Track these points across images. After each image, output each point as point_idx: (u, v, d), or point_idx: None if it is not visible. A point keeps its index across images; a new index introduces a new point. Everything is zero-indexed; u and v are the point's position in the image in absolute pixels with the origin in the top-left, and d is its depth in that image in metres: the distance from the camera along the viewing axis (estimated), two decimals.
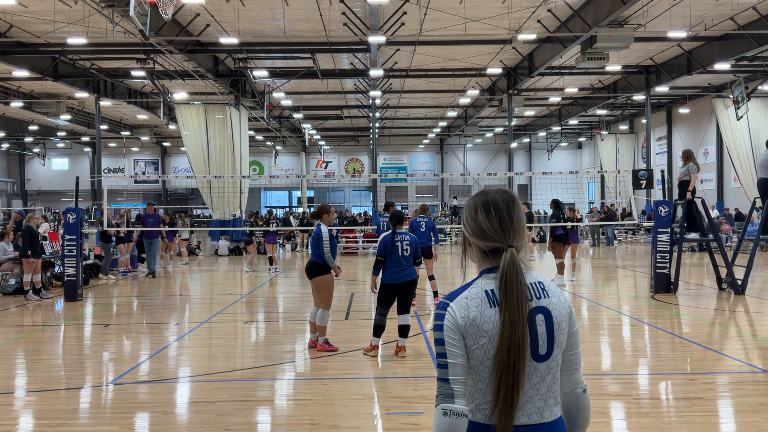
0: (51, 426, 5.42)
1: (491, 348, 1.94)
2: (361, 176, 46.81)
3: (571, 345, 2.07)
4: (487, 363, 1.95)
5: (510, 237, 2.04)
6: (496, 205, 2.06)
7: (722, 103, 28.60)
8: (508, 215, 2.05)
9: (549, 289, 2.06)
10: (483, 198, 2.09)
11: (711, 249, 14.08)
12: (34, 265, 13.10)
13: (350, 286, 14.76)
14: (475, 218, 2.08)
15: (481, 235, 2.06)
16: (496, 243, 2.04)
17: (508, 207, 2.06)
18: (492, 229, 2.04)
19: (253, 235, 19.37)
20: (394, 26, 20.29)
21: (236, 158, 27.88)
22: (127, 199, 44.84)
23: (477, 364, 1.97)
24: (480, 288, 2.01)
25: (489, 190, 2.12)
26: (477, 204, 2.10)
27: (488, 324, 1.95)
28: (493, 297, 1.98)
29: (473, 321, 1.96)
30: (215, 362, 7.67)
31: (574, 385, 2.10)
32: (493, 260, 2.05)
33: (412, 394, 6.19)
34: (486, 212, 2.06)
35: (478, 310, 1.97)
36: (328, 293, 8.00)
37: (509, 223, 2.05)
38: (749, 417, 5.47)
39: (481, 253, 2.08)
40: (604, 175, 42.74)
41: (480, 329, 1.95)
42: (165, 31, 18.97)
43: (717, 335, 9.06)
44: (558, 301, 2.05)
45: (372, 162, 30.88)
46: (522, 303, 1.94)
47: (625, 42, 18.87)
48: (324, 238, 7.90)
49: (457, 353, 1.96)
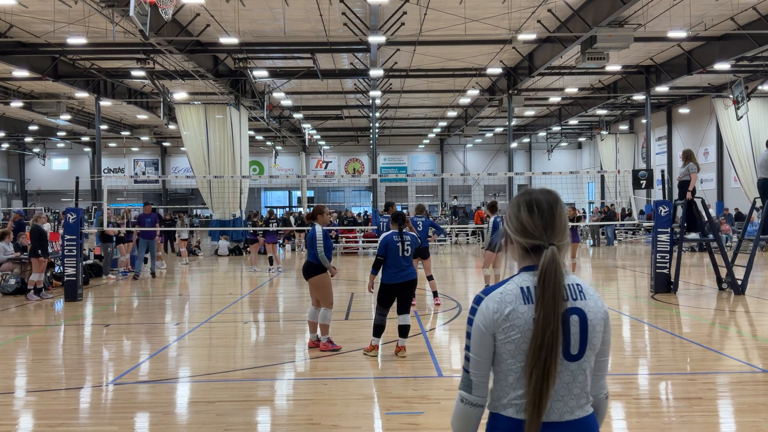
0: (51, 426, 5.42)
1: (523, 343, 2.01)
2: (361, 176, 46.81)
3: (602, 351, 2.14)
4: (519, 358, 2.02)
5: (551, 235, 2.09)
6: (539, 204, 2.12)
7: (722, 103, 28.60)
8: (551, 214, 2.11)
9: (587, 292, 2.11)
10: (527, 197, 2.15)
11: (711, 249, 14.08)
12: (43, 265, 13.14)
13: (350, 286, 14.76)
14: (518, 216, 2.13)
15: (523, 232, 2.12)
16: (538, 241, 2.09)
17: (551, 206, 2.12)
18: (534, 227, 2.10)
19: (256, 235, 19.38)
20: (394, 26, 20.29)
21: (236, 158, 27.88)
22: (127, 199, 44.82)
23: (508, 358, 2.04)
24: (516, 285, 2.08)
25: (533, 189, 2.18)
26: (520, 202, 2.15)
27: (521, 320, 2.02)
28: (528, 294, 2.04)
29: (507, 316, 2.03)
30: (215, 362, 7.67)
31: (599, 390, 2.18)
32: (534, 258, 2.10)
33: (412, 394, 6.19)
34: (529, 210, 2.11)
35: (512, 305, 2.03)
36: (326, 292, 8.02)
37: (551, 222, 2.10)
38: (749, 417, 5.47)
39: (523, 250, 2.13)
40: (604, 175, 42.73)
41: (512, 324, 2.02)
42: (165, 31, 18.96)
43: (717, 335, 9.06)
44: (595, 305, 2.10)
45: (372, 162, 30.89)
46: (558, 301, 1.99)
47: (625, 42, 18.87)
48: (318, 238, 7.92)
49: (481, 350, 2.06)
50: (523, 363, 2.01)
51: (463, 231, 30.78)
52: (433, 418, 5.44)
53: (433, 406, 5.76)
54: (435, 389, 6.35)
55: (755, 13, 19.99)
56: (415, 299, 10.50)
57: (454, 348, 8.40)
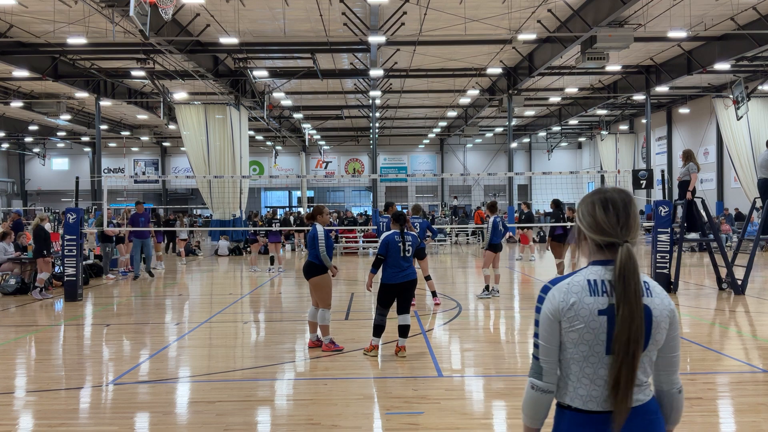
0: (51, 426, 5.42)
1: (586, 333, 2.10)
2: (361, 176, 46.82)
3: (671, 348, 2.21)
4: (581, 347, 2.12)
5: (626, 233, 2.17)
6: (614, 202, 2.20)
7: (722, 103, 28.61)
8: (625, 212, 2.19)
9: (654, 290, 2.19)
10: (601, 196, 2.23)
11: (711, 249, 14.08)
12: (48, 265, 13.19)
13: (350, 286, 14.76)
14: (592, 214, 2.21)
15: (597, 230, 2.19)
16: (613, 238, 2.17)
17: (625, 204, 2.20)
18: (609, 225, 2.18)
19: (257, 235, 19.36)
20: (394, 26, 20.30)
21: (236, 158, 27.88)
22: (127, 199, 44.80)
23: (571, 347, 2.14)
24: (583, 277, 2.17)
25: (606, 188, 2.26)
26: (595, 201, 2.23)
27: (585, 310, 2.11)
28: (594, 286, 2.14)
29: (572, 306, 2.12)
30: (215, 362, 7.67)
31: (672, 385, 2.24)
32: (607, 254, 2.18)
33: (412, 394, 6.19)
34: (604, 209, 2.19)
35: (578, 296, 2.13)
36: (326, 293, 8.02)
37: (626, 220, 2.18)
38: (749, 417, 5.47)
39: (596, 246, 2.22)
40: (604, 175, 42.72)
41: (577, 314, 2.11)
42: (165, 31, 18.97)
43: (717, 335, 9.06)
44: (660, 303, 2.18)
45: (372, 162, 30.89)
46: (639, 296, 2.08)
47: (625, 42, 18.88)
48: (319, 238, 7.91)
49: (550, 336, 2.16)
50: (586, 353, 2.11)
51: (463, 231, 30.78)
52: (433, 418, 5.44)
53: (433, 406, 5.76)
54: (435, 389, 6.35)
55: (755, 13, 19.99)
56: (414, 299, 10.51)
57: (454, 348, 8.40)
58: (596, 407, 2.12)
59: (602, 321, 2.11)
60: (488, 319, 10.54)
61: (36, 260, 13.34)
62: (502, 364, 7.46)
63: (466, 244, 30.35)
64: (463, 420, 5.42)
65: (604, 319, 2.11)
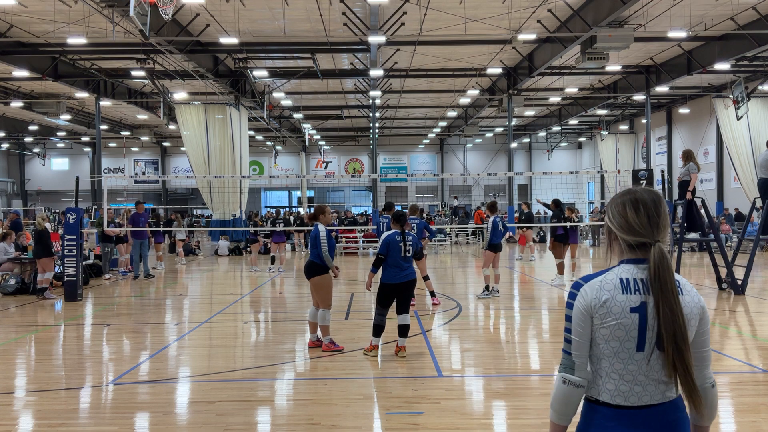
0: (51, 426, 5.42)
1: (617, 330, 2.15)
2: (361, 176, 46.81)
3: (702, 343, 2.24)
4: (612, 343, 2.16)
5: (657, 232, 2.21)
6: (645, 202, 2.24)
7: (722, 103, 28.60)
8: (656, 212, 2.23)
9: (684, 288, 2.22)
10: (632, 196, 2.26)
11: (711, 249, 14.08)
12: (52, 264, 13.21)
13: (350, 286, 14.76)
14: (623, 214, 2.25)
15: (629, 230, 2.23)
16: (644, 238, 2.21)
17: (656, 205, 2.24)
18: (640, 225, 2.22)
19: (258, 235, 19.34)
20: (394, 26, 20.29)
21: (236, 158, 27.88)
22: (127, 199, 44.81)
23: (601, 342, 2.18)
24: (615, 275, 2.21)
25: (636, 189, 2.29)
26: (625, 202, 2.26)
27: (618, 308, 2.15)
28: (626, 285, 2.18)
29: (604, 303, 2.16)
30: (215, 362, 7.67)
31: (704, 380, 2.25)
32: (639, 253, 2.23)
33: (412, 394, 6.19)
34: (635, 209, 2.23)
35: (610, 294, 2.17)
36: (326, 293, 8.01)
37: (657, 220, 2.22)
38: (749, 417, 5.47)
39: (627, 245, 2.26)
40: (604, 175, 42.74)
41: (609, 311, 2.15)
42: (165, 31, 18.96)
43: (717, 335, 9.06)
44: (691, 300, 2.21)
45: (372, 162, 30.89)
46: (676, 293, 2.13)
47: (625, 42, 18.87)
48: (321, 238, 7.90)
49: (582, 331, 2.20)
50: (616, 349, 2.16)
51: (463, 231, 30.78)
52: (433, 418, 5.44)
53: (433, 406, 5.76)
54: (435, 389, 6.35)
55: (755, 13, 19.99)
56: (414, 299, 10.51)
57: (454, 348, 8.40)
58: (623, 402, 2.16)
59: (634, 318, 2.15)
60: (488, 319, 10.54)
61: (38, 260, 13.32)
62: (502, 364, 7.46)
63: (466, 244, 30.35)
64: (463, 420, 5.42)
65: (636, 316, 2.15)
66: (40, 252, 13.24)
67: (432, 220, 30.31)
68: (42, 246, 13.22)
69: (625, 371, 2.17)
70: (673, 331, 2.10)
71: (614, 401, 2.16)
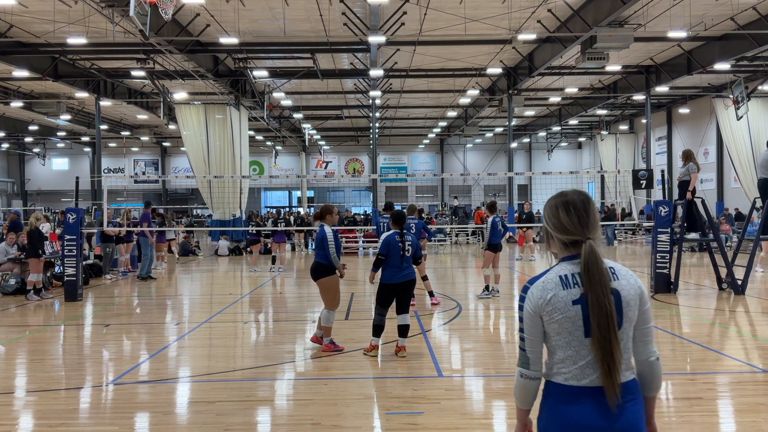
0: (51, 426, 5.42)
1: (564, 322, 2.33)
2: (361, 176, 46.80)
3: (643, 320, 2.43)
4: (563, 335, 2.35)
5: (587, 230, 2.41)
6: (575, 204, 2.44)
7: (722, 103, 28.60)
8: (585, 212, 2.43)
9: (619, 273, 2.42)
10: (563, 199, 2.47)
11: (711, 249, 14.08)
12: (40, 265, 13.15)
13: (350, 286, 14.76)
14: (556, 216, 2.45)
15: (562, 230, 2.44)
16: (576, 236, 2.41)
17: (585, 205, 2.44)
18: (572, 225, 2.42)
19: (259, 235, 19.33)
20: (394, 26, 20.29)
21: (236, 158, 27.88)
22: (127, 199, 44.83)
23: (553, 335, 2.37)
24: (555, 274, 2.40)
25: (567, 191, 2.50)
26: (558, 204, 2.47)
27: (561, 303, 2.34)
28: (566, 281, 2.37)
29: (549, 300, 2.35)
30: (215, 362, 7.67)
31: (648, 354, 2.45)
32: (572, 250, 2.43)
33: (412, 394, 6.19)
34: (566, 211, 2.43)
35: (554, 291, 2.36)
36: (333, 294, 8.00)
37: (586, 219, 2.42)
38: (749, 417, 5.47)
39: (562, 244, 2.46)
40: (604, 175, 42.73)
41: (554, 307, 2.34)
42: (165, 31, 18.96)
43: (717, 335, 9.06)
44: (627, 283, 2.41)
45: (372, 162, 30.89)
46: (605, 284, 2.31)
47: (625, 42, 18.87)
48: (329, 239, 7.86)
49: (533, 329, 2.40)
50: (567, 339, 2.34)
51: (463, 231, 30.78)
52: (433, 418, 5.44)
53: (433, 406, 5.76)
54: (435, 389, 6.34)
55: (755, 13, 19.99)
56: (414, 299, 10.51)
57: (454, 348, 8.40)
58: (576, 383, 2.34)
59: (577, 310, 2.34)
60: (488, 319, 10.55)
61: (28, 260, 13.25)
62: (502, 364, 7.46)
63: (466, 244, 30.35)
64: (463, 420, 5.42)
65: (578, 308, 2.34)
66: (27, 252, 13.19)
67: (432, 220, 30.31)
68: (30, 246, 13.15)
69: (578, 356, 2.34)
70: (598, 320, 2.27)
71: (568, 383, 2.34)
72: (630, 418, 2.32)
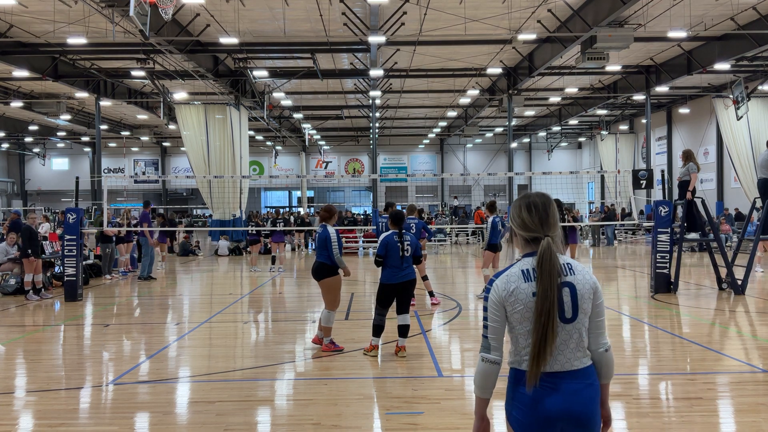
0: (51, 426, 5.42)
1: (525, 311, 2.55)
2: (361, 176, 46.80)
3: (597, 313, 2.66)
4: (525, 324, 2.56)
5: (546, 228, 2.63)
6: (536, 204, 2.67)
7: (722, 103, 28.60)
8: (545, 212, 2.65)
9: (575, 269, 2.66)
10: (526, 200, 2.71)
11: (711, 249, 14.07)
12: (34, 265, 13.12)
13: (350, 286, 14.76)
14: (520, 215, 2.69)
15: (524, 227, 2.68)
16: (536, 233, 2.64)
17: (545, 206, 2.67)
18: (533, 223, 2.65)
19: (259, 235, 19.33)
20: (394, 26, 20.29)
21: (236, 158, 27.88)
22: (127, 199, 44.83)
23: (516, 325, 2.58)
24: (518, 268, 2.63)
25: (530, 193, 2.74)
26: (521, 204, 2.70)
27: (522, 294, 2.56)
28: (527, 274, 2.59)
29: (512, 292, 2.58)
30: (215, 362, 7.67)
31: (599, 345, 2.68)
32: (534, 246, 2.65)
33: (412, 394, 6.19)
34: (528, 210, 2.67)
35: (516, 284, 2.58)
36: (335, 294, 8.00)
37: (546, 219, 2.64)
38: (749, 417, 5.47)
39: (524, 241, 2.70)
40: (604, 175, 42.72)
41: (516, 298, 2.57)
42: (165, 31, 18.96)
43: (717, 335, 9.06)
44: (582, 278, 2.64)
45: (372, 162, 30.88)
46: (553, 278, 2.52)
47: (625, 42, 18.87)
48: (332, 239, 7.86)
49: (495, 318, 2.61)
50: (529, 328, 2.54)
51: (463, 231, 30.78)
52: (433, 418, 5.44)
53: (433, 406, 5.76)
54: (435, 389, 6.34)
55: (755, 13, 19.99)
56: (414, 299, 10.51)
57: (454, 348, 8.40)
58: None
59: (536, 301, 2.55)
60: None
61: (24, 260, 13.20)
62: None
63: (466, 244, 30.35)
64: (463, 420, 5.42)
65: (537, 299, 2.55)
66: (21, 252, 13.16)
67: (433, 220, 30.31)
68: (23, 245, 13.12)
69: None
70: (541, 308, 2.49)
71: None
72: (586, 401, 2.54)
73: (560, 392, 2.52)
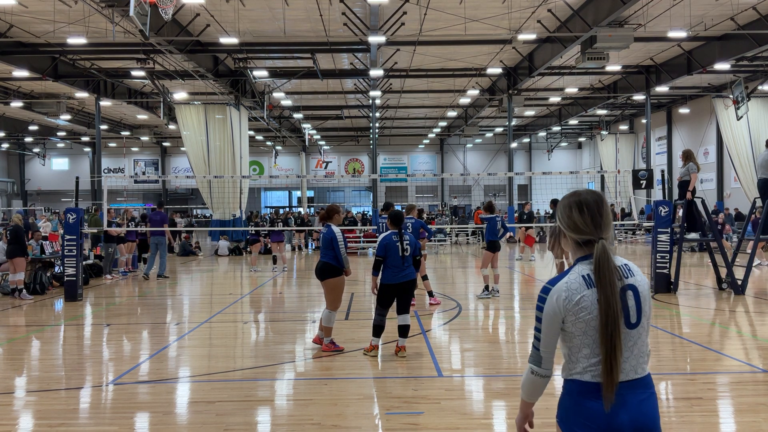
0: (51, 426, 5.42)
1: (592, 320, 2.37)
2: (361, 176, 46.81)
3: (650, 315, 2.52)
4: (590, 333, 2.37)
5: (600, 230, 2.44)
6: (588, 204, 2.47)
7: (722, 103, 28.61)
8: (598, 212, 2.46)
9: (633, 270, 2.49)
10: (576, 198, 2.50)
11: (711, 249, 14.07)
12: (22, 265, 13.02)
13: (350, 286, 14.73)
14: (570, 216, 2.49)
15: (575, 229, 2.48)
16: (589, 236, 2.45)
17: (598, 205, 2.47)
18: (585, 224, 2.45)
19: (259, 235, 19.34)
20: (394, 26, 20.29)
21: (236, 158, 27.88)
22: (127, 199, 44.83)
23: (580, 335, 2.39)
24: (578, 274, 2.44)
25: (580, 191, 2.54)
26: (571, 204, 2.50)
27: (587, 302, 2.38)
28: (589, 280, 2.40)
29: (577, 301, 2.38)
30: (215, 362, 7.67)
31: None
32: (586, 249, 2.47)
33: (412, 394, 6.19)
34: (579, 210, 2.47)
35: (579, 292, 2.39)
36: (338, 294, 8.01)
37: (599, 219, 2.45)
38: (749, 417, 5.47)
39: (576, 244, 2.50)
40: (604, 175, 42.73)
41: (582, 306, 2.38)
42: (165, 31, 18.96)
43: (717, 335, 9.06)
44: (641, 279, 2.49)
45: (372, 162, 30.89)
46: (614, 284, 2.35)
47: (625, 42, 18.87)
48: (338, 239, 7.86)
49: (551, 331, 2.43)
50: (594, 337, 2.36)
51: (463, 231, 30.77)
52: (433, 418, 5.44)
53: (433, 406, 5.76)
54: (435, 389, 6.34)
55: (755, 13, 19.99)
56: (414, 299, 10.50)
57: (454, 348, 8.40)
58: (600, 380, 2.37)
59: None
60: (488, 319, 10.54)
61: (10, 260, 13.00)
62: (502, 364, 7.46)
63: (466, 244, 30.35)
64: (463, 420, 5.42)
65: None
66: (12, 251, 13.03)
67: (433, 220, 30.31)
68: (16, 245, 13.02)
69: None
70: (606, 318, 2.32)
71: (595, 380, 2.37)
72: (652, 412, 2.39)
73: (627, 404, 2.35)
